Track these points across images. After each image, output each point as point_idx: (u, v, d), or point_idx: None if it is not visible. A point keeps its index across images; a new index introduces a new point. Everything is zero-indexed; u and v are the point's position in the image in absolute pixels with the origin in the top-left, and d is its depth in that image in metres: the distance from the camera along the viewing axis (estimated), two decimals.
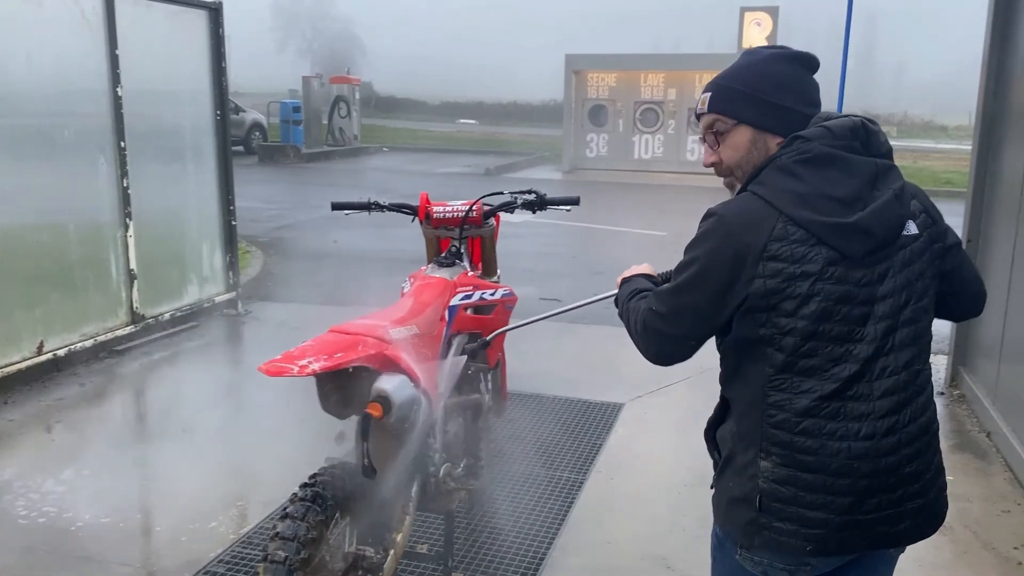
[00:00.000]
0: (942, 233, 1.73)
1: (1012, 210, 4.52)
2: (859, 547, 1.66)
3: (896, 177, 1.66)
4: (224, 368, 5.63)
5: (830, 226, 1.57)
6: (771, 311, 1.60)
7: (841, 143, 1.62)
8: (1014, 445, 4.10)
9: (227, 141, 6.64)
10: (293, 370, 2.04)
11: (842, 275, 1.58)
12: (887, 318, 1.61)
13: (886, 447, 1.61)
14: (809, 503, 1.62)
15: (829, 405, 1.60)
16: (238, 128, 20.12)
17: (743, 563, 1.73)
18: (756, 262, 1.58)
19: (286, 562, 2.05)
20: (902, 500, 1.64)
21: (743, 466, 1.68)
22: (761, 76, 1.72)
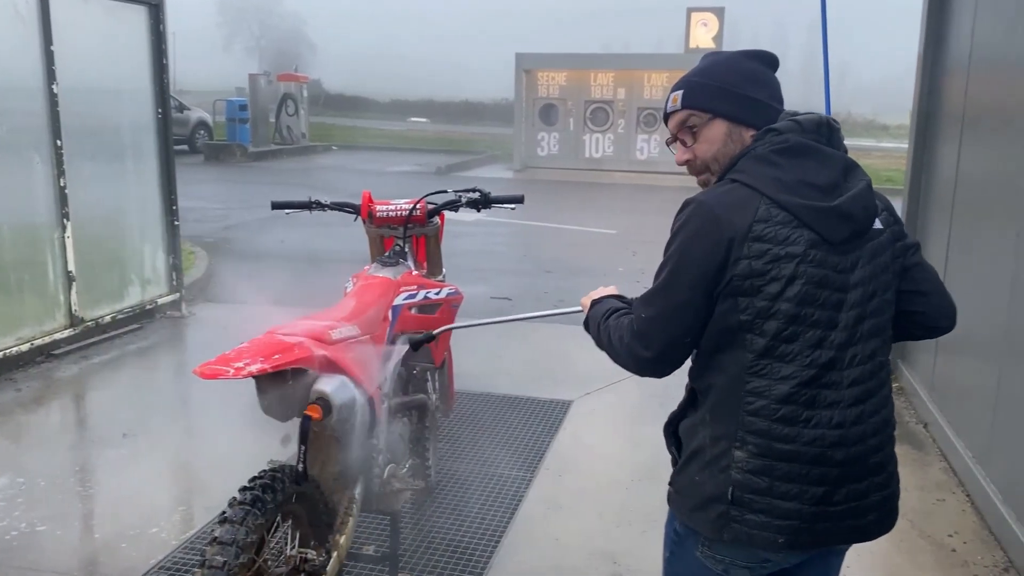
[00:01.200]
0: (903, 232, 1.78)
1: (946, 206, 4.65)
2: (829, 541, 1.68)
3: (864, 173, 1.72)
4: (167, 371, 5.52)
5: (814, 209, 1.61)
6: (754, 294, 1.60)
7: (811, 136, 1.68)
8: (949, 436, 4.22)
9: (169, 140, 6.50)
10: (228, 372, 2.00)
11: (822, 259, 1.62)
12: (857, 306, 1.65)
13: (854, 436, 1.65)
14: (783, 493, 1.62)
15: (806, 392, 1.62)
16: (182, 127, 19.73)
17: (703, 560, 1.73)
18: (742, 242, 1.59)
19: (224, 567, 2.02)
20: (868, 491, 1.68)
21: (714, 458, 1.67)
22: (731, 72, 1.77)
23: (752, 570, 1.72)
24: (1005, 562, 3.34)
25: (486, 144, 24.17)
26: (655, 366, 1.72)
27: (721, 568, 1.72)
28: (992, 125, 4.09)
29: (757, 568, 1.71)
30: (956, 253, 4.47)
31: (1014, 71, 3.77)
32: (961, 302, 4.63)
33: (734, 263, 1.60)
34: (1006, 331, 3.59)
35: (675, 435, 1.81)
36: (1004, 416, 3.59)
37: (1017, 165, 3.58)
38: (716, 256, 1.60)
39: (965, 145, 4.43)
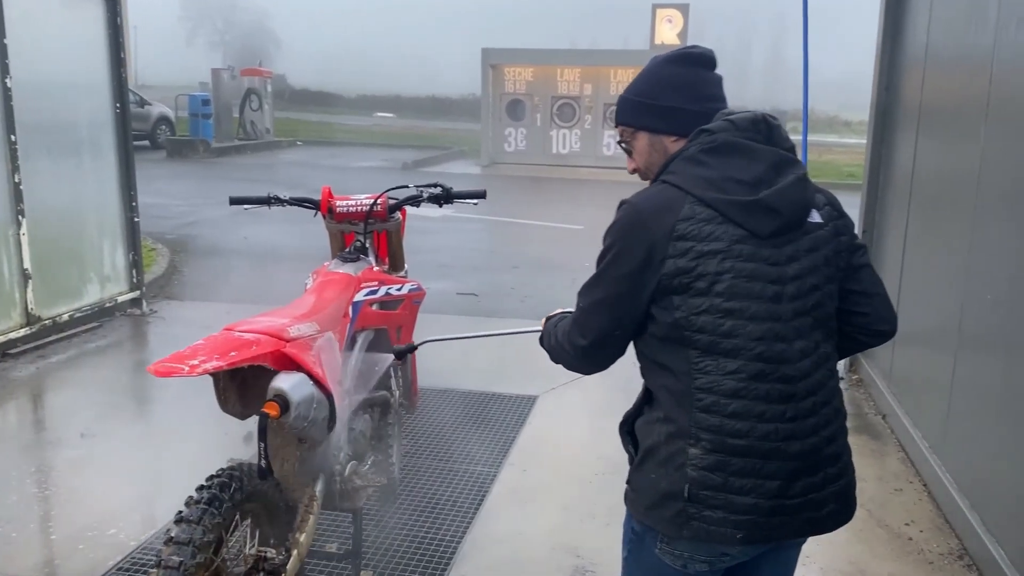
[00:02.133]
0: (849, 229, 1.79)
1: (903, 201, 4.72)
2: (787, 534, 1.69)
3: (799, 168, 1.73)
4: (127, 370, 5.44)
5: (736, 204, 1.64)
6: (685, 292, 1.64)
7: (744, 134, 1.70)
8: (907, 426, 4.29)
9: (128, 134, 6.40)
10: (183, 370, 1.98)
11: (751, 253, 1.64)
12: (797, 299, 1.66)
13: (808, 428, 1.66)
14: (738, 488, 1.64)
15: (758, 386, 1.63)
16: (143, 122, 19.43)
17: (662, 557, 1.74)
18: (666, 242, 1.63)
19: (180, 567, 1.99)
20: (824, 483, 1.69)
21: (669, 457, 1.68)
22: (650, 83, 1.82)
23: (711, 564, 1.73)
24: (959, 549, 3.41)
25: (453, 140, 24.12)
26: (590, 355, 1.78)
27: (680, 564, 1.73)
28: (947, 120, 4.16)
29: (716, 562, 1.73)
30: (913, 246, 4.54)
31: (967, 67, 3.84)
32: (917, 294, 4.72)
33: (661, 263, 1.64)
34: (959, 322, 3.66)
35: (631, 434, 1.82)
36: (958, 406, 3.66)
37: (970, 159, 3.64)
38: (641, 254, 1.65)
39: (921, 140, 4.50)
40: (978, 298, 3.49)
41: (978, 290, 3.50)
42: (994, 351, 3.33)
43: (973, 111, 3.66)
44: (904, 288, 4.64)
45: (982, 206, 3.51)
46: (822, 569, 3.25)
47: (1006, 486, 3.13)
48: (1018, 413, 3.05)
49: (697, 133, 1.72)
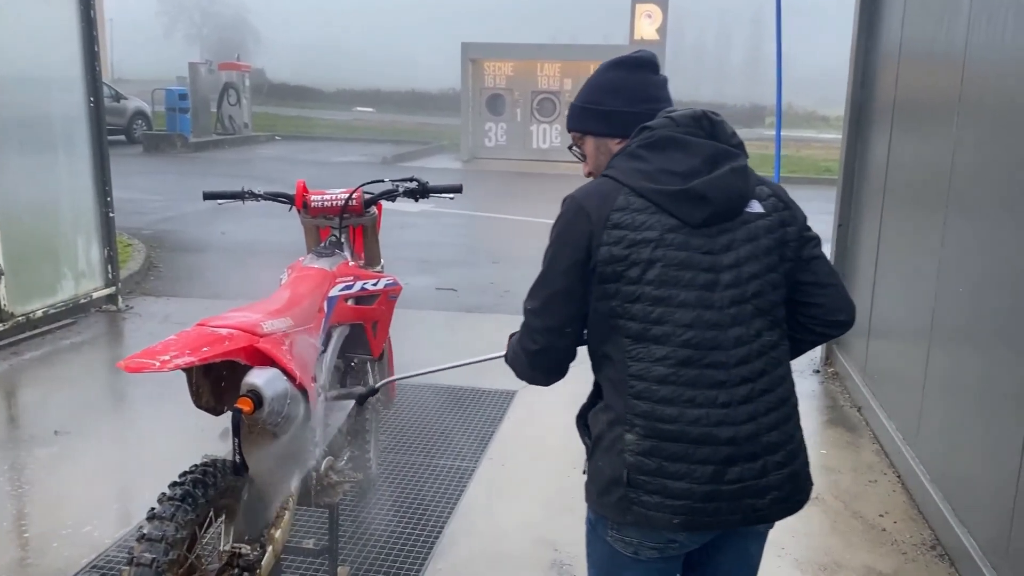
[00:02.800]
0: (797, 220, 1.81)
1: (878, 195, 4.77)
2: (729, 521, 1.70)
3: (738, 160, 1.76)
4: (102, 367, 5.39)
5: (667, 193, 1.69)
6: (619, 280, 1.68)
7: (684, 130, 1.75)
8: (881, 419, 4.33)
9: (102, 129, 6.33)
10: (155, 365, 1.96)
11: (683, 242, 1.68)
12: (733, 287, 1.69)
13: (743, 415, 1.68)
14: (672, 473, 1.66)
15: (686, 372, 1.66)
16: (119, 117, 19.22)
17: (614, 544, 1.78)
18: (601, 231, 1.69)
19: (153, 564, 1.97)
20: (765, 470, 1.70)
21: (611, 443, 1.72)
22: (592, 89, 1.90)
23: (661, 551, 1.75)
24: (932, 539, 3.45)
25: (433, 134, 24.04)
26: (541, 359, 1.83)
27: (631, 551, 1.76)
28: (920, 115, 4.20)
29: (665, 549, 1.75)
30: (887, 240, 4.58)
31: (940, 63, 3.87)
32: (892, 288, 4.76)
33: (596, 250, 1.69)
34: (933, 316, 3.70)
35: (586, 425, 1.86)
36: (931, 399, 3.70)
37: (943, 154, 3.68)
38: (582, 245, 1.71)
39: (896, 135, 4.54)
40: (951, 292, 3.53)
41: (951, 284, 3.54)
42: (966, 344, 3.37)
43: (946, 107, 3.70)
44: (879, 282, 4.69)
45: (954, 201, 3.54)
46: (797, 561, 3.28)
47: (977, 477, 3.17)
48: (989, 405, 3.09)
49: (639, 131, 1.78)
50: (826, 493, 3.82)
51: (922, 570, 3.25)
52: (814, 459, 4.35)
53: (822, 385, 5.24)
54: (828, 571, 3.22)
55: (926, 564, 3.29)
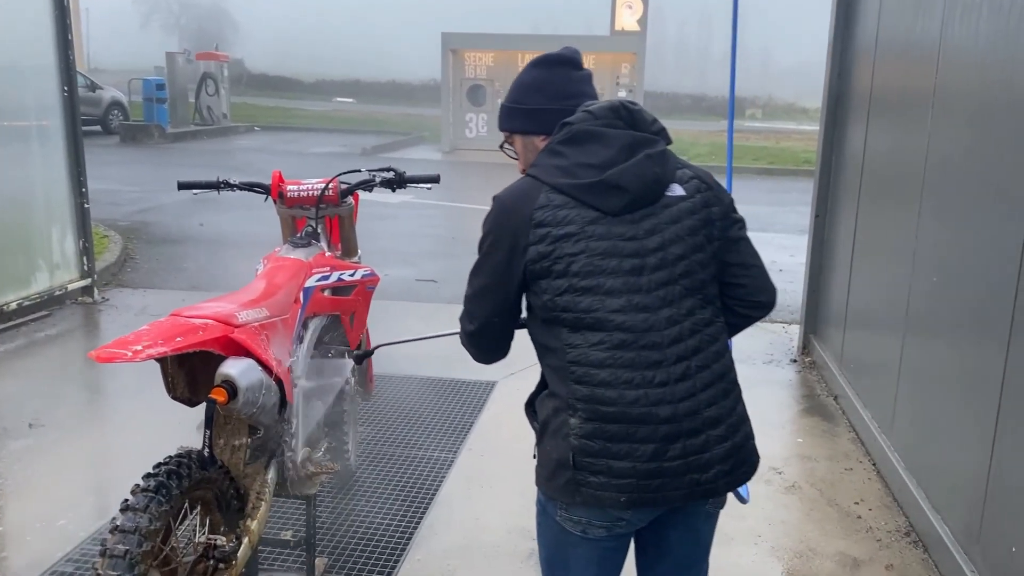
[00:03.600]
0: (722, 201, 1.85)
1: (854, 186, 4.80)
2: (674, 497, 1.74)
3: (655, 146, 1.81)
4: (77, 359, 5.33)
5: (584, 186, 1.74)
6: (548, 276, 1.74)
7: (602, 122, 1.80)
8: (857, 407, 4.38)
9: (76, 118, 6.25)
10: (127, 355, 1.94)
11: (605, 232, 1.74)
12: (660, 269, 1.75)
13: (681, 392, 1.72)
14: (615, 453, 1.71)
15: (622, 355, 1.71)
16: (95, 107, 19.01)
17: (564, 524, 1.82)
18: (527, 231, 1.75)
19: (126, 556, 1.96)
20: (707, 445, 1.74)
21: (557, 428, 1.78)
22: (516, 88, 1.96)
23: (608, 529, 1.80)
24: (907, 526, 3.49)
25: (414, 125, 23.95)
26: (476, 340, 1.93)
27: (580, 530, 1.81)
28: (895, 107, 4.23)
29: (613, 527, 1.80)
30: (863, 230, 4.62)
31: (915, 55, 3.90)
32: (867, 278, 4.80)
33: (524, 250, 1.75)
34: (907, 306, 3.73)
35: (535, 412, 1.92)
36: (906, 387, 3.74)
37: (918, 145, 3.71)
38: (507, 244, 1.78)
39: (872, 126, 4.57)
40: (925, 282, 3.56)
41: (925, 273, 3.57)
42: (939, 334, 3.40)
43: (921, 99, 3.73)
44: (855, 272, 4.72)
45: (929, 192, 3.58)
46: (772, 548, 3.31)
47: (951, 465, 3.21)
48: (962, 394, 3.13)
49: (560, 127, 1.83)
50: (802, 481, 3.86)
51: (896, 556, 3.28)
52: (791, 448, 4.40)
53: (799, 374, 5.29)
54: (803, 558, 3.25)
55: (900, 550, 3.33)
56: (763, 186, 14.57)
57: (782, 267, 8.26)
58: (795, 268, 7.74)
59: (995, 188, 2.92)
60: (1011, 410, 2.72)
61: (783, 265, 8.33)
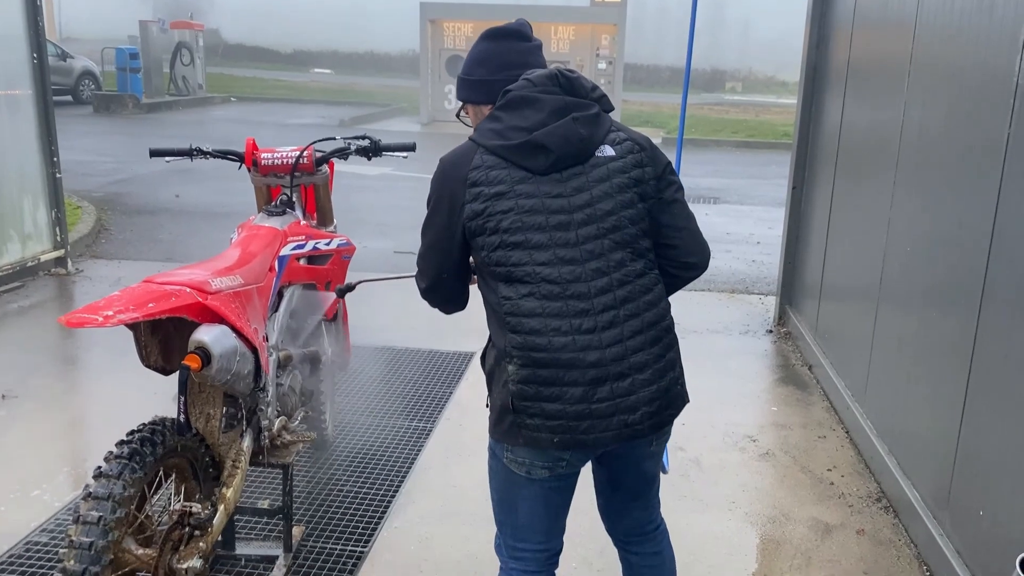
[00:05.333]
0: (656, 162, 1.95)
1: (831, 158, 4.82)
2: (605, 439, 1.85)
3: (585, 109, 1.90)
4: (51, 330, 5.28)
5: (512, 147, 1.86)
6: (483, 233, 1.86)
7: (539, 88, 1.90)
8: (831, 376, 4.43)
9: (47, 87, 6.13)
10: (97, 320, 1.92)
11: (532, 190, 1.85)
12: (588, 224, 1.85)
13: (609, 339, 1.83)
14: (547, 396, 1.83)
15: (550, 305, 1.83)
16: (65, 76, 18.65)
17: (510, 466, 1.96)
18: (463, 190, 1.87)
19: (100, 522, 1.96)
20: (633, 388, 1.85)
21: (499, 376, 1.91)
22: (467, 61, 2.08)
23: (551, 469, 1.93)
24: (878, 492, 3.55)
25: (392, 97, 23.72)
26: (429, 296, 2.04)
27: (524, 471, 1.94)
28: (872, 79, 4.23)
29: (554, 467, 1.92)
30: (839, 202, 4.64)
31: (892, 28, 3.90)
32: (843, 249, 4.83)
33: (461, 209, 1.87)
34: (881, 276, 3.77)
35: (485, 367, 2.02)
36: (879, 356, 3.78)
37: (893, 117, 3.72)
38: (447, 203, 1.90)
39: (849, 98, 4.58)
40: (899, 252, 3.59)
41: (899, 244, 3.60)
42: (912, 304, 3.44)
43: (897, 70, 3.74)
44: (831, 243, 4.76)
45: (904, 162, 3.60)
46: (746, 514, 3.35)
47: (921, 432, 3.26)
48: (933, 363, 3.17)
49: (503, 94, 1.94)
50: (776, 449, 3.91)
51: (867, 521, 3.34)
52: (765, 416, 4.44)
53: (775, 344, 5.33)
54: (776, 523, 3.30)
55: (871, 516, 3.38)
56: (742, 159, 14.59)
57: (760, 239, 8.30)
58: (772, 240, 7.79)
59: (969, 159, 2.94)
60: (980, 378, 2.76)
61: (761, 237, 8.38)
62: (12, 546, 2.96)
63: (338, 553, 2.99)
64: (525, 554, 2.06)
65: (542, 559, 2.07)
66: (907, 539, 3.21)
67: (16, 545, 2.97)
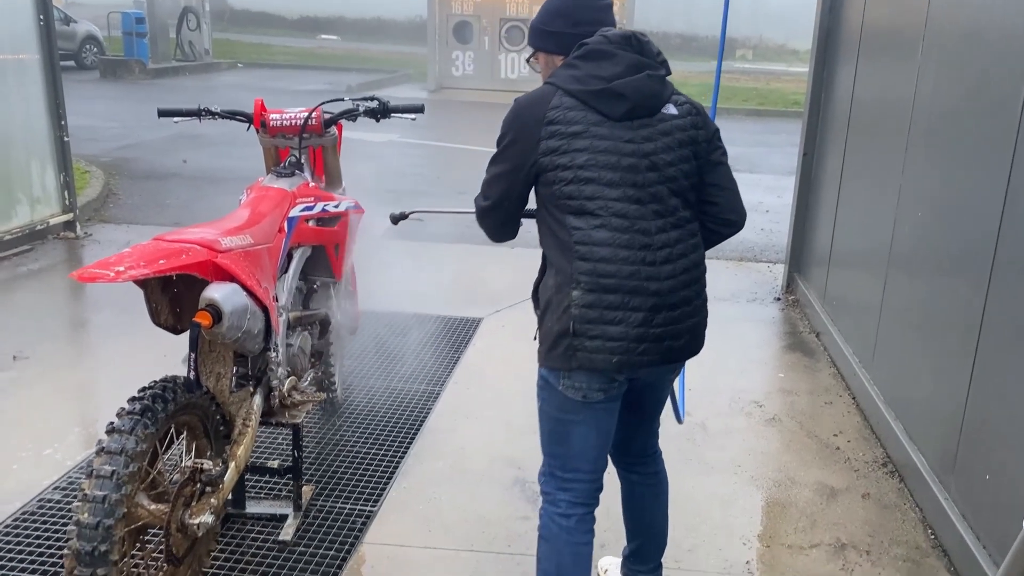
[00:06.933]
0: (708, 127, 2.16)
1: (842, 124, 4.77)
2: (654, 359, 2.06)
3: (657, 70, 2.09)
4: (61, 293, 5.31)
5: (592, 92, 2.03)
6: (556, 168, 2.02)
7: (615, 46, 2.08)
8: (839, 343, 4.42)
9: (54, 50, 6.10)
10: (109, 275, 1.93)
11: (607, 133, 2.03)
12: (653, 170, 2.04)
13: (666, 272, 2.05)
14: (610, 320, 2.01)
15: (620, 236, 2.01)
16: (69, 41, 18.50)
17: (566, 392, 2.09)
18: (539, 127, 2.03)
19: (113, 476, 1.98)
20: (681, 318, 2.08)
21: (559, 304, 2.04)
22: (544, 12, 2.23)
23: (605, 391, 2.09)
24: (884, 457, 3.56)
25: (399, 63, 23.53)
26: (488, 215, 2.20)
27: (581, 395, 2.09)
28: (886, 44, 4.18)
29: (608, 389, 2.09)
30: (850, 169, 4.61)
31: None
32: (853, 217, 4.81)
33: (536, 144, 2.03)
34: (891, 243, 3.75)
35: (537, 298, 2.16)
36: (887, 323, 3.78)
37: (906, 82, 3.68)
38: (521, 139, 2.06)
39: (862, 63, 4.53)
40: (910, 219, 3.57)
41: (910, 211, 3.58)
42: (920, 271, 3.43)
43: (910, 38, 3.69)
44: (840, 211, 4.73)
45: (916, 129, 3.56)
46: (752, 477, 3.37)
47: (929, 398, 3.26)
48: (942, 329, 3.16)
49: (578, 46, 2.11)
50: (783, 414, 3.92)
51: (872, 485, 3.36)
52: (772, 383, 4.46)
53: (782, 312, 5.33)
54: (782, 487, 3.32)
55: (876, 480, 3.40)
56: (751, 127, 14.48)
57: (768, 208, 8.26)
58: (781, 209, 7.75)
59: (983, 124, 2.91)
60: (989, 344, 2.76)
61: (769, 206, 8.34)
62: (25, 503, 3.00)
63: (347, 512, 3.02)
64: (575, 484, 2.19)
65: (590, 491, 2.21)
66: (912, 503, 3.23)
67: (29, 502, 3.01)
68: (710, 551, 2.91)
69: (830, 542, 2.98)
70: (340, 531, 2.91)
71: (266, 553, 2.77)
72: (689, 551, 2.89)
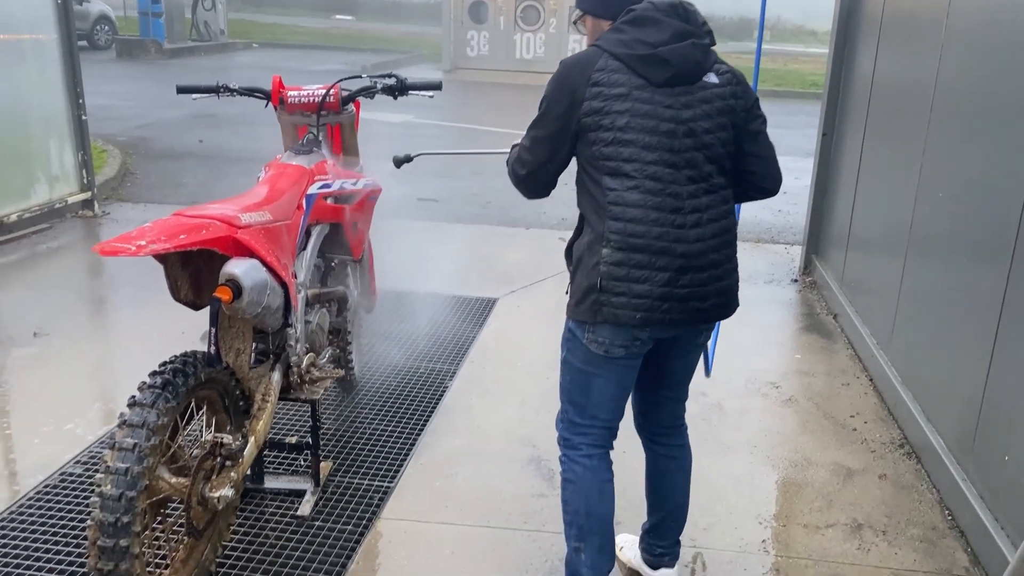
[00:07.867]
0: (748, 96, 2.20)
1: (862, 108, 4.72)
2: (679, 320, 2.12)
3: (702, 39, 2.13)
4: (80, 270, 5.35)
5: (637, 57, 2.09)
6: (597, 129, 2.08)
7: (661, 13, 2.12)
8: (856, 325, 4.40)
9: (72, 29, 6.12)
10: (130, 249, 1.94)
11: (648, 97, 2.08)
12: (690, 136, 2.09)
13: (694, 235, 2.10)
14: (636, 278, 2.08)
15: (652, 199, 2.07)
16: (82, 21, 18.45)
17: (589, 346, 2.18)
18: (584, 87, 2.09)
19: (135, 449, 2.00)
20: (708, 281, 2.13)
21: (590, 260, 2.12)
22: None
23: (627, 348, 2.17)
24: (901, 438, 3.55)
25: (414, 43, 23.45)
26: (529, 182, 2.27)
27: (603, 350, 2.17)
28: (906, 26, 4.13)
29: (631, 346, 2.17)
30: (870, 150, 4.57)
31: None
32: (872, 198, 4.77)
33: (579, 104, 2.09)
34: (911, 225, 3.72)
35: (571, 254, 2.24)
36: (906, 304, 3.75)
37: (928, 64, 3.63)
38: (566, 99, 2.11)
39: (883, 44, 4.47)
40: (930, 201, 3.54)
41: (930, 193, 3.54)
42: (940, 252, 3.40)
43: (933, 19, 3.64)
44: (859, 192, 4.69)
45: (938, 111, 3.52)
46: (768, 457, 3.37)
47: (947, 380, 3.24)
48: (961, 311, 3.14)
49: (626, 12, 2.16)
50: (799, 395, 3.91)
51: (889, 466, 3.35)
52: (789, 364, 4.44)
53: (799, 293, 5.30)
54: (798, 467, 3.32)
55: (893, 461, 3.39)
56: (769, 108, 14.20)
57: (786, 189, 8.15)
58: (799, 191, 7.69)
59: (1005, 105, 2.88)
60: (1010, 325, 2.74)
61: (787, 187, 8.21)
62: (47, 477, 3.04)
63: (365, 488, 3.05)
64: (592, 429, 2.30)
65: (606, 435, 2.32)
66: (929, 484, 3.22)
67: (51, 476, 3.05)
68: (726, 530, 2.91)
69: (846, 522, 2.98)
70: (357, 507, 2.94)
71: (284, 528, 2.80)
72: (705, 530, 2.90)
